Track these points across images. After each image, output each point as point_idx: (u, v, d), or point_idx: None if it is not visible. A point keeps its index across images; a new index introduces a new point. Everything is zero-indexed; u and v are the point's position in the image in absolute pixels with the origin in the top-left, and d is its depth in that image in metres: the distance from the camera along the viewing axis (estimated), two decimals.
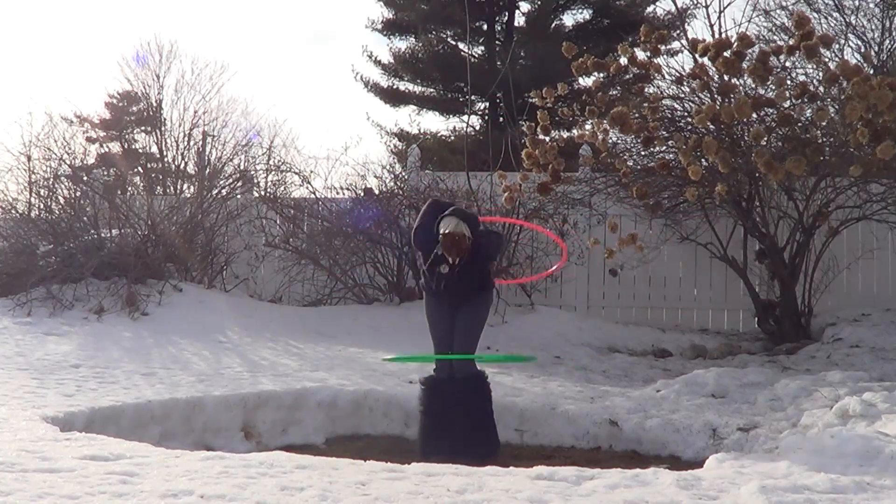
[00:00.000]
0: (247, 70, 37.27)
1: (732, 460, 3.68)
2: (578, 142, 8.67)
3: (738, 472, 3.44)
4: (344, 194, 9.91)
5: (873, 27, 13.19)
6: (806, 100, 7.22)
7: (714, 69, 7.42)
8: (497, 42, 20.96)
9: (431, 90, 21.59)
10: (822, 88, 7.23)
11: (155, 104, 22.82)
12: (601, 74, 8.37)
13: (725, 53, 7.18)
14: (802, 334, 8.51)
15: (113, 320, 7.69)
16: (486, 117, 20.95)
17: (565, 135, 10.61)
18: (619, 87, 8.36)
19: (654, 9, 19.55)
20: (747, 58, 7.20)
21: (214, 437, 5.10)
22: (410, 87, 21.79)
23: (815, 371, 6.61)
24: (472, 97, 19.80)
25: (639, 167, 8.28)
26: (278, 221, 10.00)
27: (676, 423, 5.07)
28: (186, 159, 20.53)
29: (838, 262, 9.20)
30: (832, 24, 13.08)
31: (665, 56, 8.66)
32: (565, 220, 9.48)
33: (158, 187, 19.38)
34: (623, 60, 8.03)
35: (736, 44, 7.22)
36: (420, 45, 21.23)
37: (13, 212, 9.29)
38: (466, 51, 20.28)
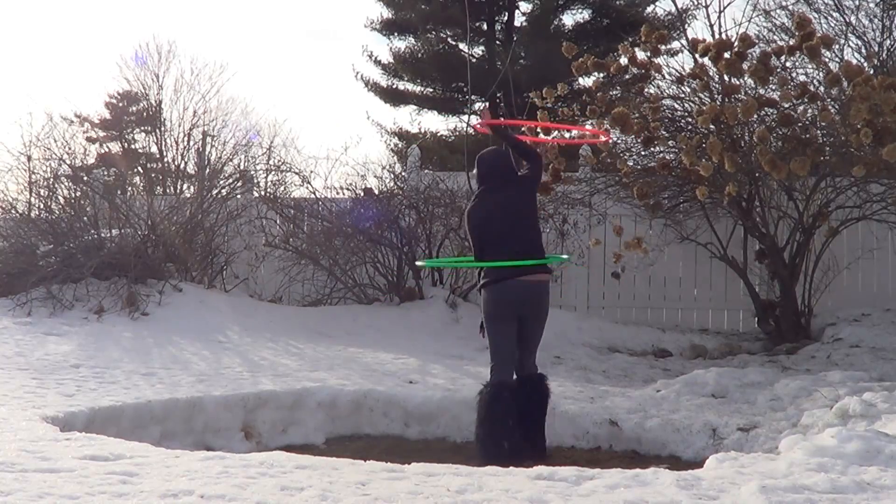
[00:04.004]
0: (246, 70, 37.36)
1: (732, 460, 3.67)
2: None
3: (738, 472, 3.43)
4: (344, 194, 9.91)
5: (874, 27, 13.18)
6: (806, 100, 7.22)
7: (714, 69, 7.42)
8: (497, 42, 20.96)
9: (431, 90, 21.59)
10: (822, 89, 7.23)
11: (154, 104, 22.88)
12: (601, 74, 8.37)
13: (726, 54, 7.18)
14: (802, 334, 8.51)
15: (113, 320, 7.69)
16: None
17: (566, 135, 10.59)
18: (619, 87, 8.36)
19: (654, 9, 19.59)
20: (748, 58, 7.20)
21: (214, 437, 5.10)
22: (410, 86, 21.81)
23: (815, 371, 6.61)
24: (472, 97, 19.81)
25: (639, 167, 8.28)
26: (278, 221, 10.00)
27: (676, 423, 5.07)
28: (186, 159, 20.62)
29: (838, 262, 9.20)
30: (832, 24, 13.07)
31: (665, 56, 8.67)
32: (565, 220, 9.48)
33: (158, 187, 19.41)
34: (623, 60, 8.02)
35: (737, 44, 7.21)
36: (420, 44, 21.23)
37: (13, 212, 9.29)
38: (466, 51, 20.29)
